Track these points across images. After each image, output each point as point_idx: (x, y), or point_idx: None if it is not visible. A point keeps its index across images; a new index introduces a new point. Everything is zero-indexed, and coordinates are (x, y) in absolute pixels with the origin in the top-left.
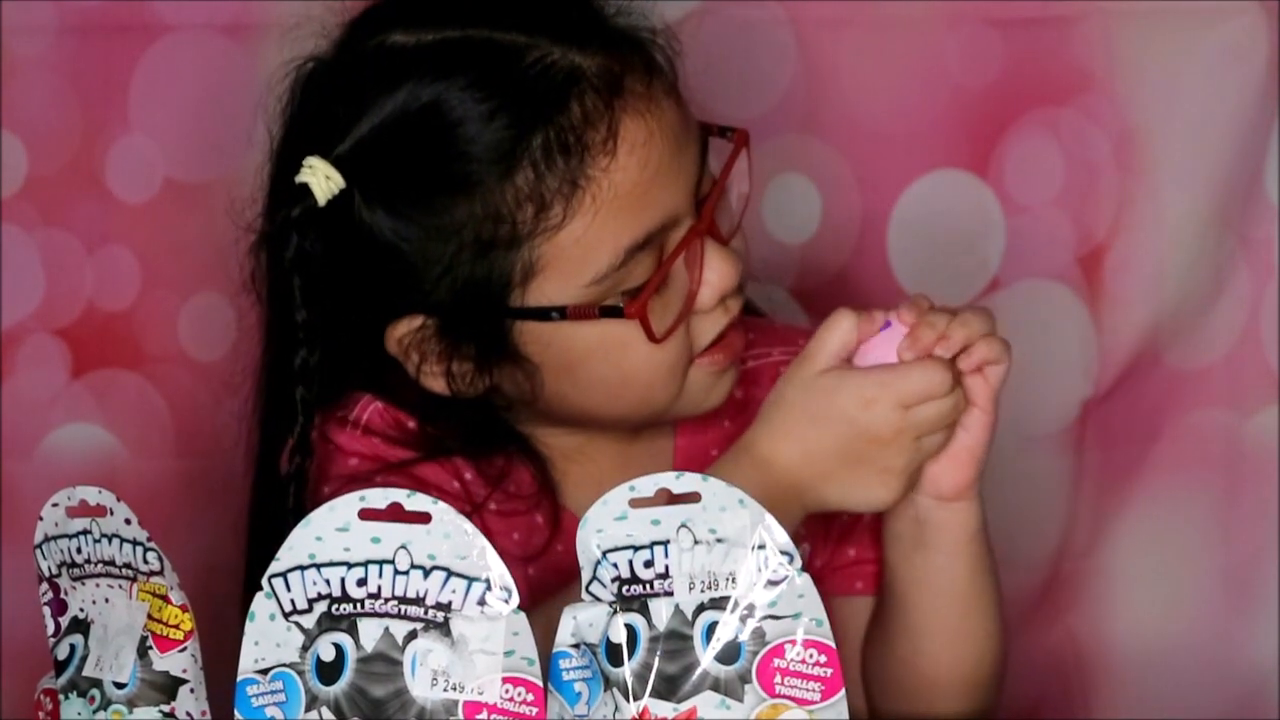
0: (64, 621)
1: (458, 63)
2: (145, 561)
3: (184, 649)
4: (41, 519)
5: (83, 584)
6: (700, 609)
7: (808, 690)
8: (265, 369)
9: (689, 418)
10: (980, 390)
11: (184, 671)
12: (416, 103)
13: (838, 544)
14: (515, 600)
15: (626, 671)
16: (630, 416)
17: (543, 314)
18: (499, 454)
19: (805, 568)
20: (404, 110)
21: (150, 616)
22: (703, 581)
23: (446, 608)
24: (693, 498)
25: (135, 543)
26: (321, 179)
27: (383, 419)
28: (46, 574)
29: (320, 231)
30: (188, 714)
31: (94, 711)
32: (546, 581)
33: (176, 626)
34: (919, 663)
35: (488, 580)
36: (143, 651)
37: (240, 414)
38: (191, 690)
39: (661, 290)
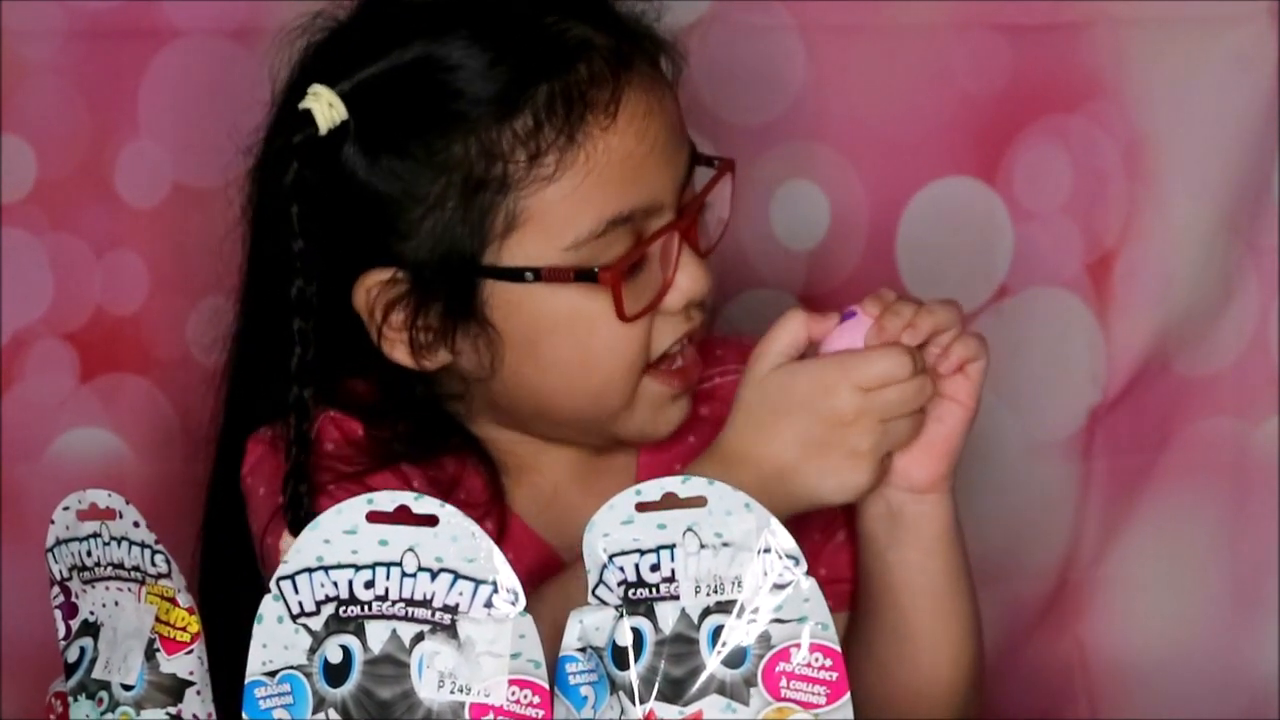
0: (74, 624)
1: (473, 22)
2: (153, 564)
3: (190, 651)
4: (53, 522)
5: (93, 587)
6: (706, 613)
7: (813, 694)
8: (245, 313)
9: (635, 442)
10: (962, 387)
11: (190, 673)
12: (426, 53)
13: (810, 562)
14: (522, 603)
15: (632, 675)
16: (583, 414)
17: (518, 274)
18: (450, 459)
19: None
20: (414, 59)
21: (158, 619)
22: (708, 585)
23: (454, 610)
24: (698, 502)
25: (144, 545)
26: (325, 106)
27: (335, 429)
28: (58, 577)
29: (317, 165)
30: (194, 716)
31: (102, 713)
32: None
33: (184, 629)
34: (898, 669)
35: (495, 583)
36: (150, 654)
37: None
38: (198, 692)
39: (634, 275)
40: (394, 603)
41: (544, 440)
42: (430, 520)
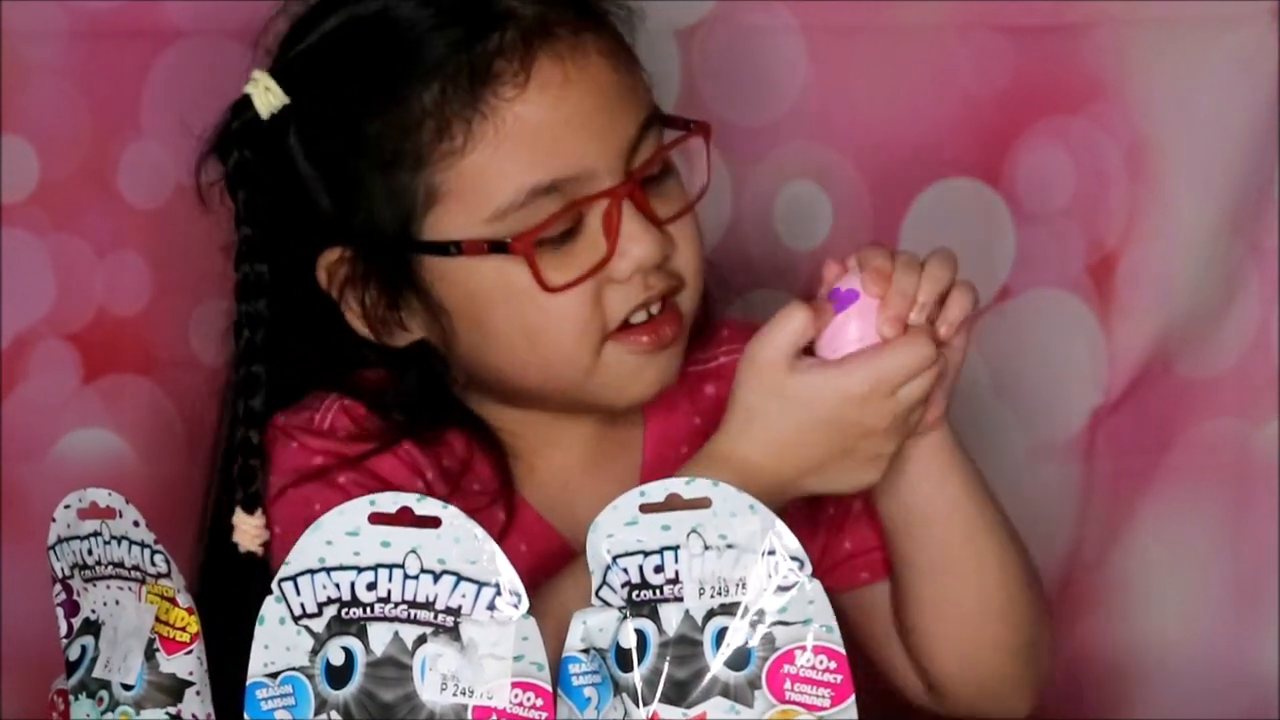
0: (76, 623)
1: None
2: (153, 564)
3: (190, 651)
4: (54, 520)
5: (94, 585)
6: (710, 614)
7: (817, 696)
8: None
9: (616, 408)
10: (946, 355)
11: (190, 674)
12: (355, 16)
13: (831, 537)
14: (525, 605)
15: (636, 677)
16: (545, 387)
17: (442, 248)
18: (460, 444)
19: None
20: (341, 24)
21: (158, 619)
22: (713, 587)
23: (456, 612)
24: (703, 503)
25: (143, 545)
26: (262, 90)
27: (346, 418)
28: (59, 575)
29: (261, 150)
30: (193, 716)
31: (102, 713)
32: None
33: (183, 629)
34: (949, 608)
35: (497, 585)
36: (150, 653)
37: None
38: (197, 693)
39: (569, 244)
40: (396, 605)
41: (543, 418)
42: (433, 522)
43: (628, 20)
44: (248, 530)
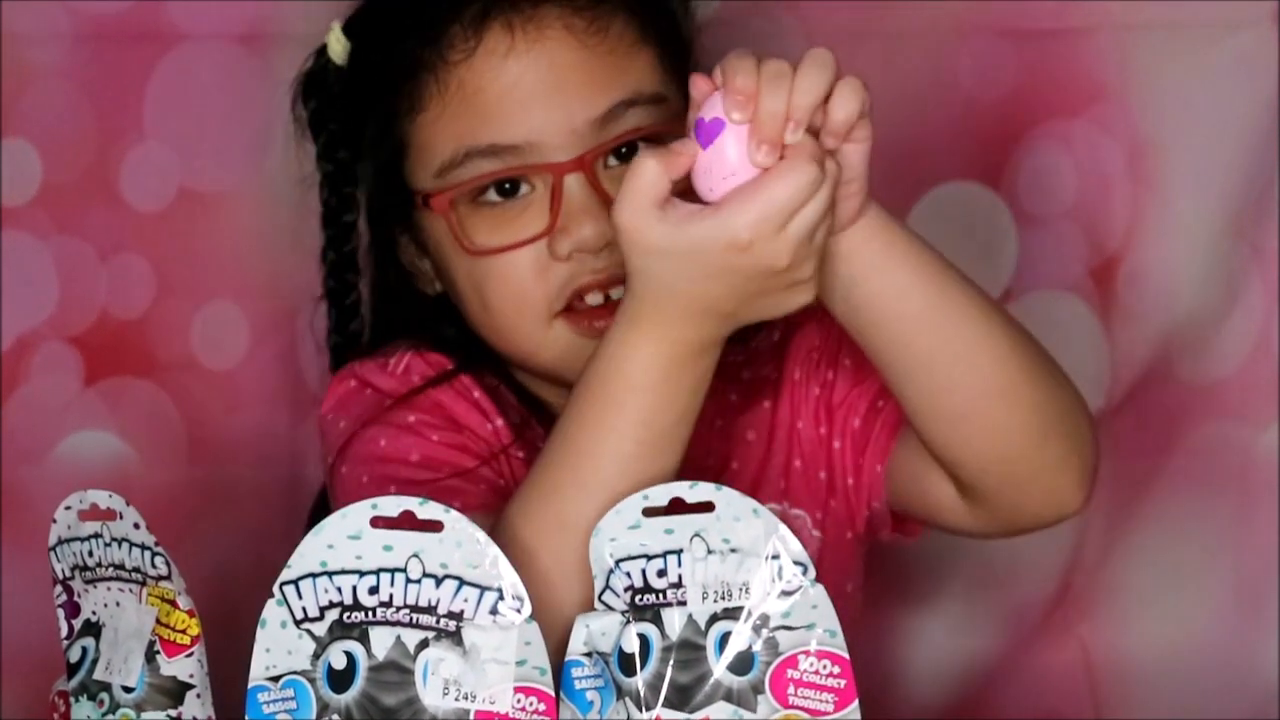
0: (77, 624)
1: None
2: (154, 566)
3: (191, 654)
4: (55, 521)
5: (95, 587)
6: (713, 619)
7: (821, 701)
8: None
9: None
10: (858, 129)
11: (190, 676)
12: None
13: (855, 469)
14: (527, 609)
15: (639, 681)
16: (509, 353)
17: (411, 197)
18: (510, 395)
19: (809, 535)
20: None
21: (158, 621)
22: (716, 591)
23: (458, 616)
24: (706, 507)
25: (144, 547)
26: (333, 40)
27: (422, 362)
28: (60, 576)
29: (333, 95)
30: (194, 719)
31: (103, 715)
32: None
33: (184, 631)
34: (941, 402)
35: (500, 589)
36: (150, 656)
37: (257, 419)
38: (198, 695)
39: (516, 214)
40: (398, 609)
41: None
42: (435, 526)
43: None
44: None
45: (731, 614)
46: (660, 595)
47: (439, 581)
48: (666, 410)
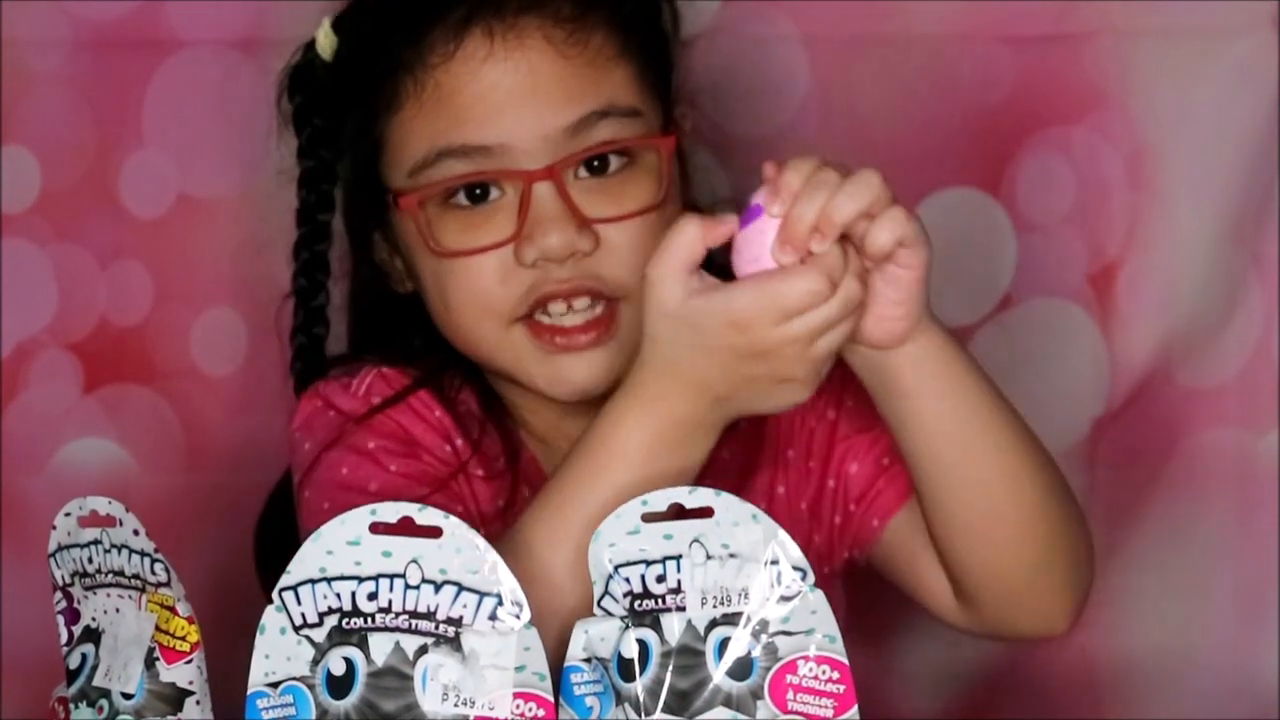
0: (76, 631)
1: None
2: (153, 572)
3: (190, 660)
4: (55, 528)
5: (94, 594)
6: (712, 624)
7: (820, 706)
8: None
9: (555, 397)
10: (903, 256)
11: (190, 683)
12: None
13: (844, 512)
14: (527, 615)
15: (638, 687)
16: (473, 354)
17: (381, 195)
18: (473, 405)
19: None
20: None
21: (158, 627)
22: (715, 597)
23: (457, 622)
24: (705, 512)
25: (143, 554)
26: (322, 35)
27: (383, 383)
28: (60, 583)
29: (318, 91)
30: None
31: None
32: None
33: (183, 638)
34: (959, 521)
35: (499, 595)
36: (150, 662)
37: (256, 425)
38: (197, 702)
39: (485, 219)
40: (397, 615)
41: (547, 409)
42: (434, 532)
43: (658, 15)
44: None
45: (731, 619)
46: (659, 601)
47: (438, 587)
48: (647, 485)
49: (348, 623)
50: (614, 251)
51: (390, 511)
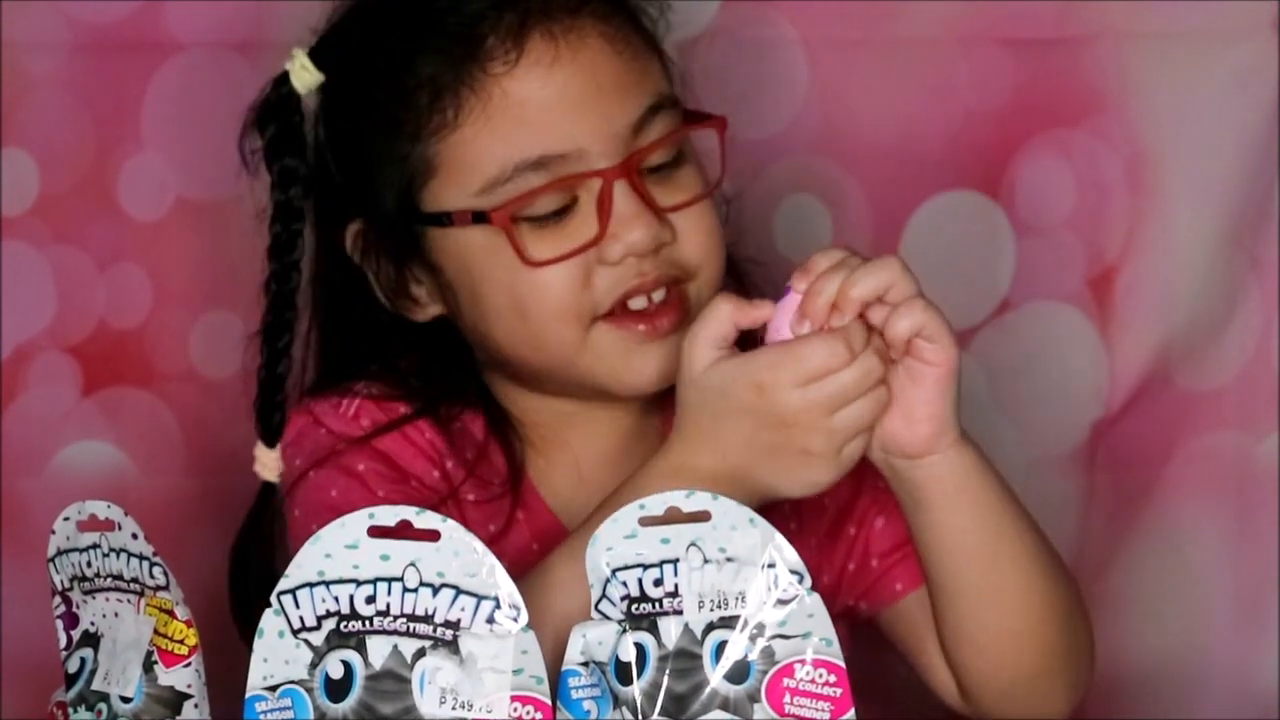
0: (75, 635)
1: None
2: (152, 576)
3: (188, 664)
4: (54, 533)
5: (93, 598)
6: (710, 628)
7: (817, 710)
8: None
9: (618, 392)
10: (927, 350)
11: (188, 686)
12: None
13: (860, 559)
14: (524, 618)
15: (636, 690)
16: (539, 363)
17: (438, 219)
18: (475, 431)
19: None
20: (358, 6)
21: (156, 631)
22: (712, 600)
23: (455, 625)
24: (703, 516)
25: (142, 557)
26: (298, 68)
27: (374, 407)
28: (59, 587)
29: (294, 125)
30: None
31: None
32: (516, 574)
33: (181, 641)
34: (966, 625)
35: (497, 598)
36: (148, 666)
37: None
38: (195, 705)
39: (562, 223)
40: (395, 618)
41: (568, 406)
42: (432, 535)
43: (652, 5)
44: (267, 463)
45: (728, 623)
46: (657, 604)
47: (436, 590)
48: None
49: (346, 626)
50: (687, 237)
51: (388, 515)
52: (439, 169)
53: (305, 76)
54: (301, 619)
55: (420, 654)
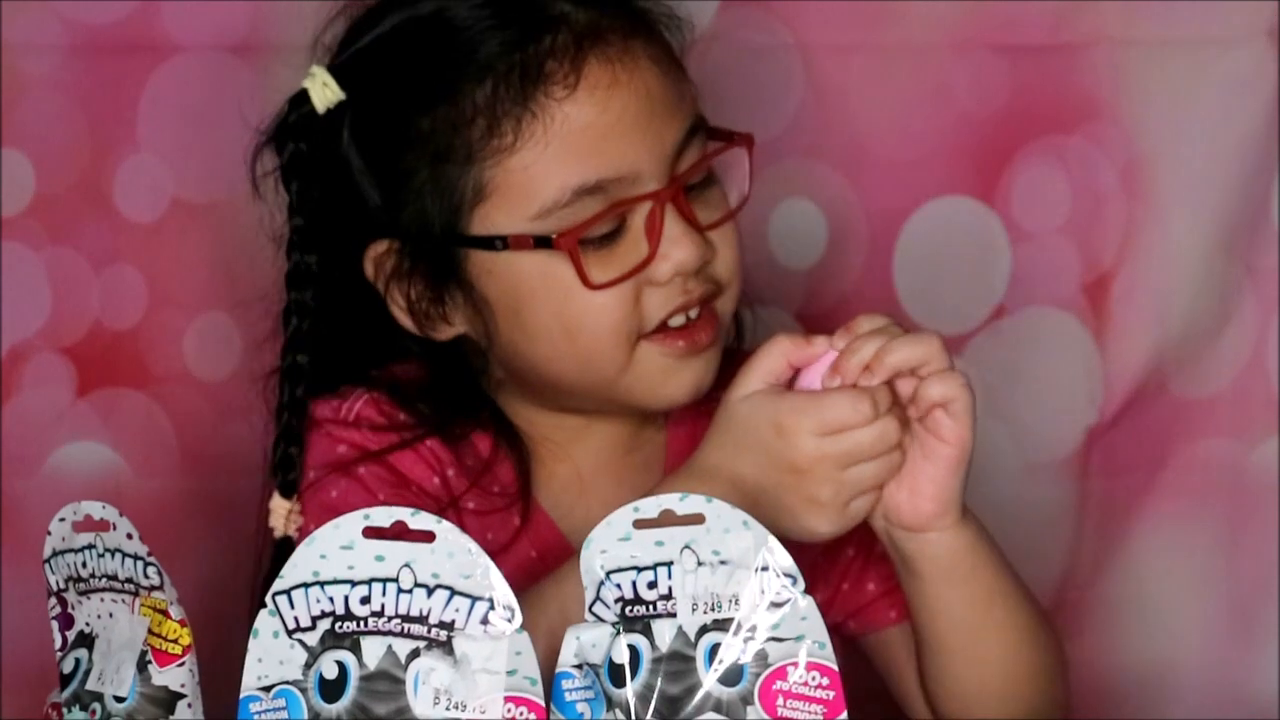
0: (70, 635)
1: None
2: (146, 576)
3: (182, 664)
4: (50, 534)
5: (88, 598)
6: (703, 630)
7: (810, 713)
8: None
9: (651, 408)
10: (944, 425)
11: (182, 686)
12: (412, 17)
13: (854, 580)
14: (518, 620)
15: (629, 692)
16: (580, 382)
17: (489, 242)
18: (484, 442)
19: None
20: (398, 23)
21: (150, 631)
22: (706, 603)
23: (449, 626)
24: (696, 519)
25: (136, 558)
26: (319, 86)
27: (373, 409)
28: (55, 588)
29: (316, 144)
30: None
31: None
32: (518, 583)
33: (175, 641)
34: (947, 680)
35: (491, 600)
36: (142, 666)
37: (249, 430)
38: (189, 705)
39: (612, 243)
40: (390, 619)
41: (575, 418)
42: (427, 536)
43: (678, 30)
44: (281, 514)
45: (721, 625)
46: (650, 607)
47: (430, 591)
48: None
49: (340, 626)
50: (721, 253)
51: (383, 516)
52: (492, 193)
53: (327, 94)
54: (296, 619)
55: (415, 655)
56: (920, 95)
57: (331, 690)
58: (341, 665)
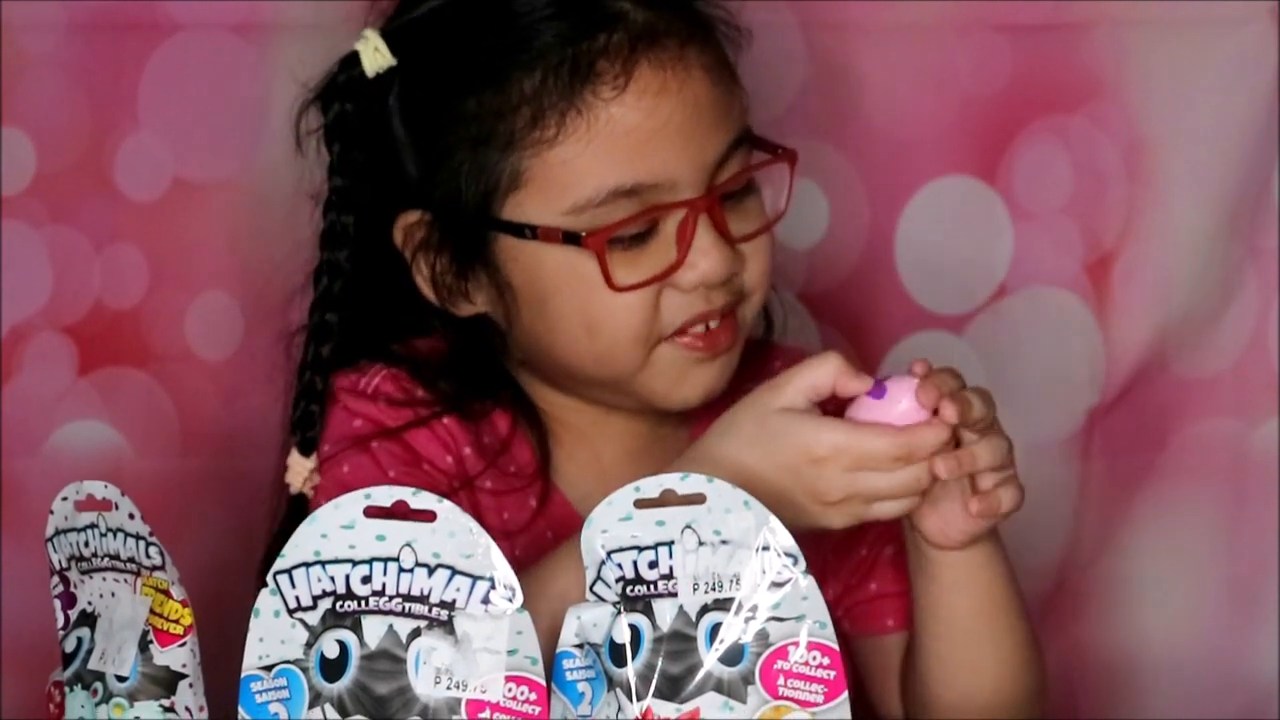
0: (73, 614)
1: None
2: (148, 556)
3: (184, 644)
4: (52, 513)
5: (90, 578)
6: (704, 610)
7: (811, 692)
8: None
9: (663, 407)
10: (980, 508)
11: (183, 666)
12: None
13: (858, 579)
14: (519, 599)
15: (630, 672)
16: (597, 376)
17: (519, 230)
18: (503, 422)
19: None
20: (449, 3)
21: (152, 611)
22: (707, 583)
23: (450, 606)
24: (698, 499)
25: (138, 537)
26: (371, 50)
27: (392, 385)
28: (57, 567)
29: (361, 107)
30: (186, 709)
31: (96, 704)
32: (532, 560)
33: (177, 621)
34: (933, 685)
35: (492, 579)
36: (144, 645)
37: (251, 409)
38: (190, 685)
39: (640, 246)
40: (391, 598)
41: (595, 407)
42: (428, 515)
43: (736, 38)
44: (299, 472)
45: (722, 605)
46: (651, 586)
47: (431, 571)
48: None
49: (341, 606)
50: (750, 264)
51: (385, 495)
52: (528, 182)
53: (378, 59)
54: (297, 599)
55: (415, 634)
56: (922, 75)
57: (332, 669)
58: (343, 644)
